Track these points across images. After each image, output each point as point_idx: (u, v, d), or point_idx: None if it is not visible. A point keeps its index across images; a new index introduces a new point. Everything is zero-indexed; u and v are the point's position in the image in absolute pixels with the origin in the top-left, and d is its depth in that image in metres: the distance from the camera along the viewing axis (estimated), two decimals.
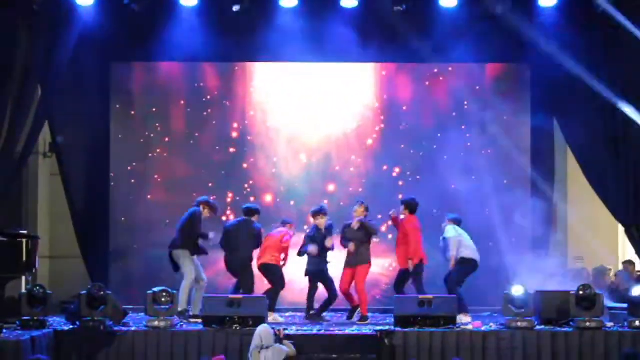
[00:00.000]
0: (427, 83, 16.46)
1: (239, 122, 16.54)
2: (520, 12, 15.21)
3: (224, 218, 16.03)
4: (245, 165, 16.49)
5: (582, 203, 16.28)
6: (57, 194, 16.45)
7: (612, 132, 15.51)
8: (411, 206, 14.38)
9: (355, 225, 14.19)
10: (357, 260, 14.23)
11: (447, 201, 15.62)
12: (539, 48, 15.34)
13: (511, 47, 15.82)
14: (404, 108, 16.47)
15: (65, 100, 15.70)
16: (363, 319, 14.12)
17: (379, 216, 15.52)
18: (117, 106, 16.47)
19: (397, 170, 16.43)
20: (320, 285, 14.55)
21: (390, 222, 14.93)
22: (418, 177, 16.28)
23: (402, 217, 14.43)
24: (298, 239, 14.70)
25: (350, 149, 16.50)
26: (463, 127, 16.26)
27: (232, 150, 16.53)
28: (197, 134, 16.50)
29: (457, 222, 14.53)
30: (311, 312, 14.51)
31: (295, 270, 14.82)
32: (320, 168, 16.52)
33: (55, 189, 16.52)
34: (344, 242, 14.35)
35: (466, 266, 14.24)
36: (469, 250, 14.31)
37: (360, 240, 14.23)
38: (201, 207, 14.24)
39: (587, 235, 16.13)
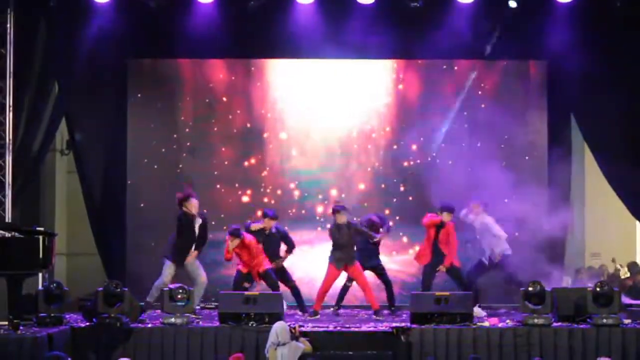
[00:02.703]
0: (442, 79, 16.37)
1: (254, 117, 16.51)
2: (536, 7, 15.18)
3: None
4: (260, 161, 16.45)
5: (599, 199, 16.22)
6: (74, 191, 16.50)
7: (631, 128, 15.45)
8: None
9: None
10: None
11: (462, 196, 15.55)
12: (556, 44, 15.29)
13: (528, 43, 15.76)
14: (418, 104, 16.41)
15: (82, 97, 15.75)
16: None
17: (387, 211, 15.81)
18: (134, 102, 16.46)
19: (410, 164, 16.36)
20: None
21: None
22: (439, 168, 16.18)
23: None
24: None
25: (365, 145, 16.44)
26: (478, 123, 16.16)
27: (247, 146, 16.49)
28: (213, 129, 16.49)
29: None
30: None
31: (315, 266, 14.89)
32: (335, 164, 16.46)
33: (72, 186, 16.57)
34: None
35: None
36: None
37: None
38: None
39: (604, 232, 16.09)
